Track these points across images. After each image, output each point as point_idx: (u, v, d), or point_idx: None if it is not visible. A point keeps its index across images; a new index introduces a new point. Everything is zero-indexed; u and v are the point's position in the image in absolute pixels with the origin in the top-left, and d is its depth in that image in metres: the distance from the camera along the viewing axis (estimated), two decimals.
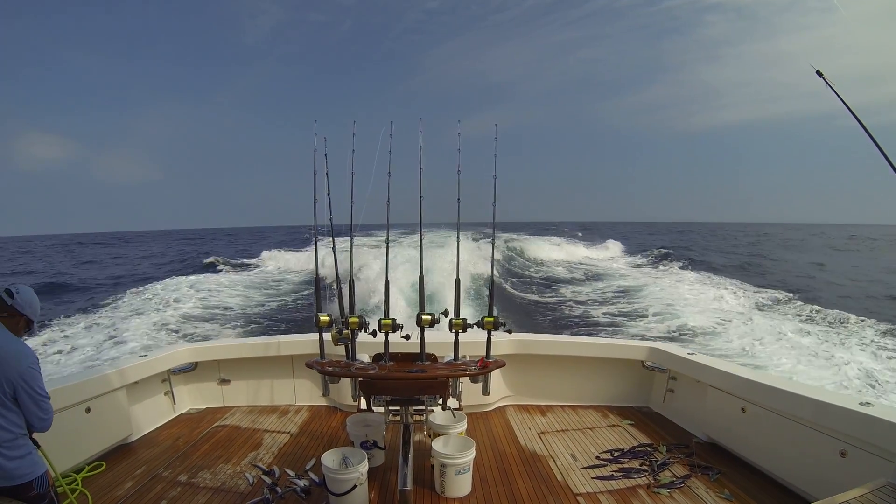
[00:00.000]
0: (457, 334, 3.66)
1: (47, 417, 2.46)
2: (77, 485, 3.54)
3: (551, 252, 32.32)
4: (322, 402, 5.17)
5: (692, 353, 4.64)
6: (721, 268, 25.58)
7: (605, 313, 15.07)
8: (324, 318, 3.65)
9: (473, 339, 3.79)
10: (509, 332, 3.77)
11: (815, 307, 14.83)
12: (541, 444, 4.25)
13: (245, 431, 4.58)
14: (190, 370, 5.11)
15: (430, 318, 3.54)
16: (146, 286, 20.44)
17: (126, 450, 4.25)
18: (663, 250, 33.30)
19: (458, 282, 3.80)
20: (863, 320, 13.21)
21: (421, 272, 3.76)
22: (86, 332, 13.13)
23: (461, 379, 3.61)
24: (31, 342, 12.16)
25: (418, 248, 3.86)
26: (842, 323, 13.27)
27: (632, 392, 5.16)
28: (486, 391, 3.74)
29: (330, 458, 3.39)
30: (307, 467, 3.82)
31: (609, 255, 34.12)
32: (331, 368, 3.51)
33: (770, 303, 16.19)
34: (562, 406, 5.11)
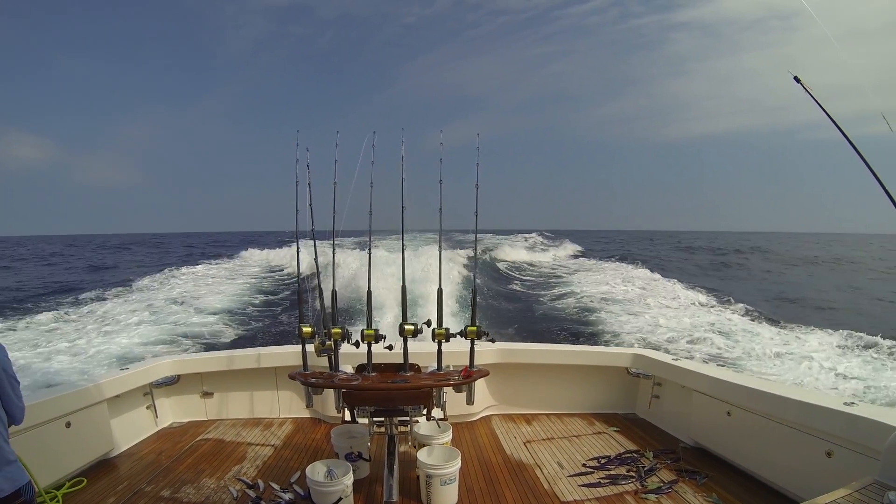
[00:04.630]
0: (440, 344, 3.64)
1: (23, 405, 2.42)
2: (58, 501, 3.46)
3: (524, 256, 32.84)
4: (306, 414, 5.11)
5: (676, 359, 4.66)
6: None
7: (584, 318, 15.15)
8: (306, 330, 3.62)
9: (457, 349, 3.78)
10: (492, 341, 3.76)
11: None
12: (527, 453, 4.23)
13: (229, 445, 4.52)
14: (172, 383, 5.03)
15: (412, 328, 3.53)
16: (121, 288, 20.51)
17: (108, 465, 4.17)
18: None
19: (440, 291, 3.78)
20: None
21: (403, 283, 3.74)
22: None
23: (445, 389, 3.59)
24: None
25: (399, 256, 3.84)
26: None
27: (617, 399, 5.16)
28: (470, 401, 3.72)
29: (314, 471, 3.36)
30: (292, 480, 3.77)
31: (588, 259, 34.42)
32: (314, 380, 3.47)
33: None
34: (547, 414, 5.09)
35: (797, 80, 2.66)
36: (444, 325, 3.61)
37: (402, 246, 3.77)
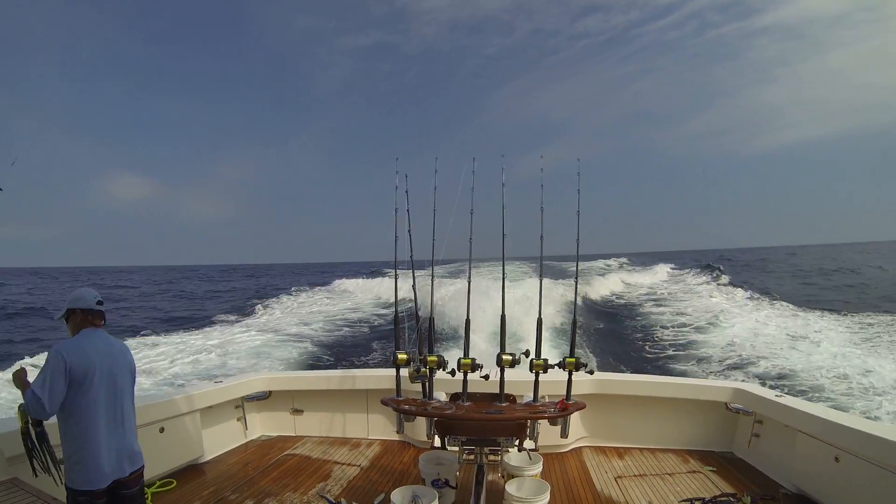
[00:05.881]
0: (537, 375, 3.54)
1: None
2: (147, 499, 3.65)
3: (623, 282, 31.21)
4: (395, 437, 5.12)
5: (780, 395, 4.35)
6: None
7: (683, 348, 14.22)
8: (401, 357, 3.61)
9: (553, 379, 3.66)
10: (591, 372, 3.62)
11: None
12: (617, 490, 4.06)
13: (315, 462, 4.60)
14: (264, 398, 5.21)
15: (510, 358, 3.44)
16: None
17: (196, 470, 4.38)
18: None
19: (539, 321, 3.69)
20: None
21: (503, 312, 3.67)
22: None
23: (539, 421, 3.50)
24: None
25: (498, 284, 3.77)
26: None
27: (714, 436, 4.87)
28: (564, 434, 3.59)
29: (399, 495, 3.33)
30: (375, 502, 3.77)
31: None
32: (407, 407, 3.46)
33: None
34: (640, 449, 4.87)
35: None
36: (542, 356, 3.52)
37: (503, 275, 3.72)
